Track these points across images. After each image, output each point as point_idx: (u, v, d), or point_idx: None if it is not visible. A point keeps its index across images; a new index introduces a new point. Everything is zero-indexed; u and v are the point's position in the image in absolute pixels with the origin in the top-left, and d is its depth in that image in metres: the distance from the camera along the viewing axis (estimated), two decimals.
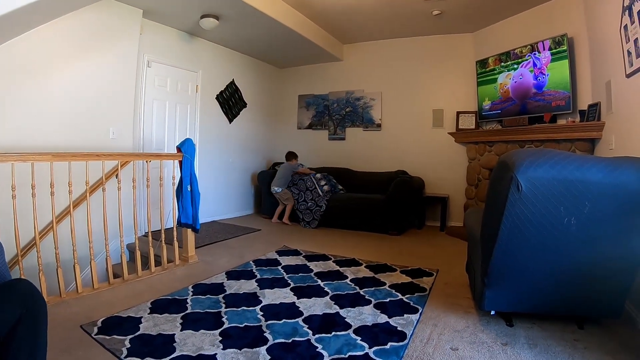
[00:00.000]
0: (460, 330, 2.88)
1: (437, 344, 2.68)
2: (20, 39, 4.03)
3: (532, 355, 2.48)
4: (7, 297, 1.36)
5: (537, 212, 2.36)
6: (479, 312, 3.16)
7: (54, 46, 4.33)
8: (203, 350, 2.58)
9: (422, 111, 7.18)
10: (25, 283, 1.44)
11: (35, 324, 1.36)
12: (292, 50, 7.34)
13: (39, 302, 1.40)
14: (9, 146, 3.83)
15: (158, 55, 5.88)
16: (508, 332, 2.82)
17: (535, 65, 5.18)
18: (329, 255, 4.90)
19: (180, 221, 4.40)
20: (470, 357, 2.48)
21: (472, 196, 6.27)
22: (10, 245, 3.19)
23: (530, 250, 2.54)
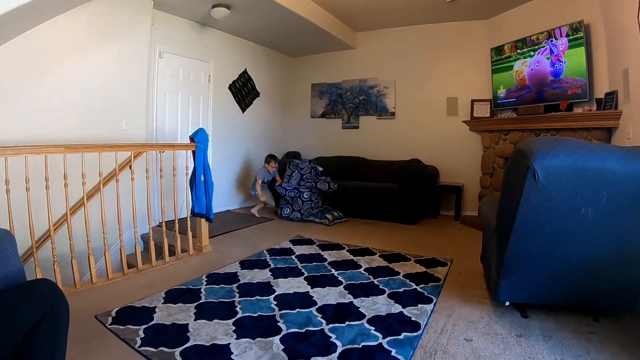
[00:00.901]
0: (474, 320, 2.85)
1: (451, 334, 2.66)
2: (31, 33, 4.03)
3: (546, 347, 2.45)
4: (31, 296, 1.38)
5: (553, 202, 2.31)
6: (493, 303, 3.12)
7: (66, 39, 4.33)
8: (216, 340, 2.58)
9: (436, 99, 7.09)
10: (48, 283, 1.47)
11: (57, 323, 1.38)
12: (305, 39, 7.27)
13: (61, 302, 1.43)
14: (23, 139, 3.85)
15: (170, 46, 5.87)
16: (522, 323, 2.78)
17: (552, 52, 5.07)
18: (342, 245, 4.88)
19: (193, 211, 4.40)
20: (484, 348, 2.46)
21: (487, 185, 6.21)
22: (25, 238, 3.22)
23: (546, 241, 2.49)
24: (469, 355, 2.39)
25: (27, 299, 1.36)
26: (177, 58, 6.02)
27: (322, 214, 6.14)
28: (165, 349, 2.46)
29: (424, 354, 2.42)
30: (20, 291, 1.41)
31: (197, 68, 6.42)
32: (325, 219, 6.06)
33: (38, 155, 3.18)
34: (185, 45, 6.16)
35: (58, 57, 4.30)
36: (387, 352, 2.42)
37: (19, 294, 1.38)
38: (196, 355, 2.40)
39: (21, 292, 1.40)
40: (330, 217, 6.08)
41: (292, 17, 5.92)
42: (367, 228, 5.91)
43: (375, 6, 6.33)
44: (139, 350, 2.46)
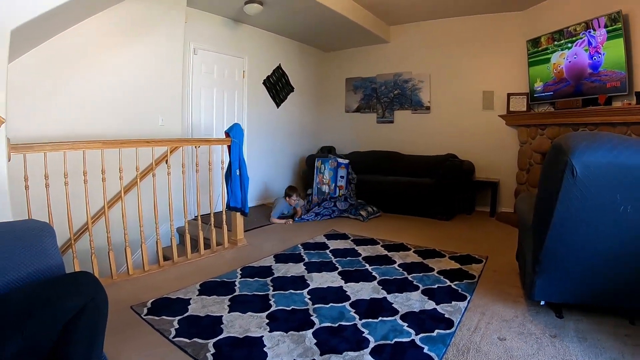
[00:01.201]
0: (508, 319, 2.78)
1: (484, 333, 2.61)
2: (68, 32, 4.12)
3: (581, 349, 2.37)
4: (73, 288, 1.42)
5: (592, 199, 2.23)
6: (528, 302, 3.04)
7: (102, 37, 4.42)
8: (250, 332, 2.59)
9: (471, 93, 6.93)
10: (89, 275, 1.51)
11: (97, 314, 1.42)
12: (338, 34, 7.22)
13: (101, 294, 1.46)
14: (62, 135, 3.94)
15: (204, 42, 5.93)
16: (557, 323, 2.70)
17: (591, 44, 4.88)
18: (377, 240, 4.85)
19: (229, 205, 4.44)
20: (517, 348, 2.40)
21: (523, 181, 6.04)
22: (64, 230, 3.31)
23: (584, 239, 2.41)
24: (502, 354, 2.34)
25: (69, 290, 1.40)
26: (211, 54, 6.07)
27: (356, 211, 6.10)
28: (199, 340, 2.49)
29: (457, 351, 2.38)
30: (62, 283, 1.44)
31: (232, 64, 6.46)
32: (359, 216, 6.03)
33: (76, 150, 3.27)
34: (219, 42, 6.20)
35: (95, 55, 4.39)
36: (419, 349, 2.40)
37: (61, 286, 1.42)
38: (229, 346, 2.42)
39: (63, 283, 1.44)
40: (365, 213, 6.04)
41: (325, 12, 5.88)
42: (401, 223, 5.86)
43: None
44: (173, 341, 2.49)
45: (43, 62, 3.98)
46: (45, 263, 1.60)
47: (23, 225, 1.71)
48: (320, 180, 6.49)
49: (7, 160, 2.71)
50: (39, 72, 3.96)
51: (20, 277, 1.51)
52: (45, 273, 1.59)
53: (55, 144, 3.15)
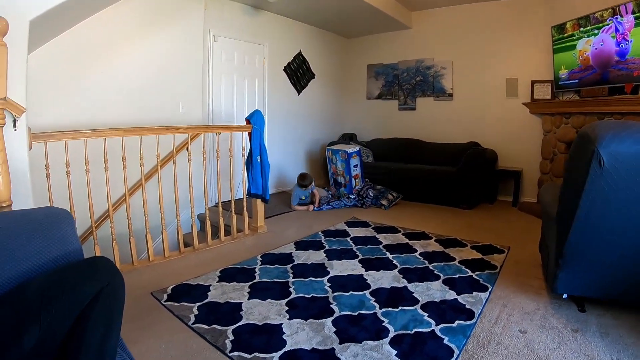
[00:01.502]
0: (530, 312, 2.74)
1: (505, 325, 2.57)
2: (89, 21, 4.16)
3: (603, 344, 2.31)
4: (90, 272, 1.41)
5: (619, 190, 2.16)
6: (550, 295, 2.98)
7: (122, 26, 4.45)
8: (269, 320, 2.60)
9: (495, 80, 6.77)
10: (104, 260, 1.50)
11: (114, 298, 1.41)
12: (359, 20, 7.13)
13: (117, 277, 1.46)
14: (82, 124, 3.96)
15: (224, 30, 5.90)
16: (579, 317, 2.64)
17: (617, 30, 4.71)
18: (398, 228, 4.81)
19: (250, 192, 4.44)
20: (538, 342, 2.35)
21: (547, 171, 5.91)
22: (85, 217, 3.34)
23: (610, 231, 2.33)
24: (523, 348, 2.30)
25: (85, 276, 1.40)
26: (231, 41, 6.05)
27: (376, 200, 6.05)
28: (218, 327, 2.50)
29: (477, 343, 2.35)
30: (78, 269, 1.44)
31: (252, 51, 6.43)
32: (381, 206, 5.98)
33: (97, 138, 3.28)
34: (239, 29, 6.17)
35: (115, 44, 4.42)
36: (439, 339, 2.37)
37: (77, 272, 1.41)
38: (248, 333, 2.43)
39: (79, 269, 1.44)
40: (386, 202, 5.99)
41: None
42: (423, 211, 5.80)
43: None
44: (192, 327, 2.51)
45: (63, 52, 4.02)
46: (63, 250, 1.61)
47: (42, 212, 1.71)
48: (335, 171, 6.45)
49: (29, 149, 2.73)
50: (60, 61, 4.01)
51: (38, 265, 1.51)
52: (64, 260, 1.59)
53: (76, 132, 3.17)
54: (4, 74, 2.19)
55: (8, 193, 2.26)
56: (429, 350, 2.25)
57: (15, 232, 1.53)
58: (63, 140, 3.11)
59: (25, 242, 1.52)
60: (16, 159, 2.52)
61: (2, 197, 2.23)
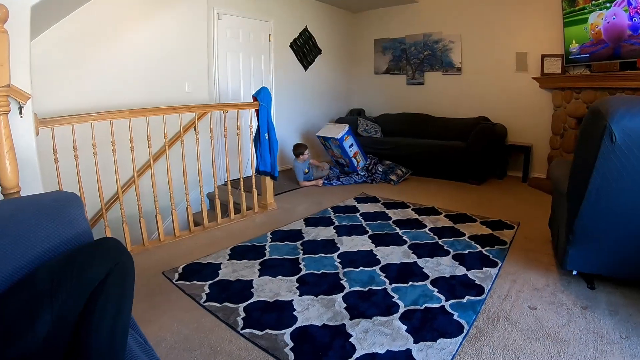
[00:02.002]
0: (539, 288, 2.74)
1: (515, 301, 2.58)
2: (91, 5, 4.12)
3: (612, 322, 2.31)
4: (98, 253, 1.42)
5: (630, 167, 2.13)
6: (559, 271, 2.97)
7: (125, 8, 4.42)
8: (280, 297, 2.62)
9: (504, 54, 6.65)
10: (113, 240, 1.50)
11: (124, 277, 1.41)
12: None
13: (126, 257, 1.46)
14: (90, 107, 3.95)
15: (228, 7, 5.82)
16: (589, 295, 2.64)
17: (630, 3, 4.57)
18: (407, 203, 4.80)
19: (258, 169, 4.44)
20: (548, 318, 2.36)
21: (557, 146, 5.84)
22: (95, 200, 3.37)
23: (622, 208, 2.31)
24: (532, 324, 2.31)
25: (94, 256, 1.40)
26: (236, 19, 5.98)
27: (385, 176, 6.02)
28: (229, 305, 2.52)
29: (487, 319, 2.36)
30: (86, 251, 1.44)
31: (257, 28, 6.37)
32: (390, 181, 5.96)
33: (104, 121, 3.28)
34: (244, 6, 6.09)
35: (119, 26, 4.40)
36: (449, 315, 2.38)
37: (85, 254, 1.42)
38: (259, 311, 2.45)
39: (87, 251, 1.44)
40: (395, 177, 5.96)
41: None
42: (432, 187, 5.79)
43: None
44: (203, 305, 2.54)
45: (67, 36, 4.00)
46: (72, 232, 1.60)
47: (50, 197, 1.71)
48: (333, 154, 6.40)
49: (36, 134, 2.74)
50: (64, 46, 3.99)
51: (49, 248, 1.52)
52: (73, 242, 1.59)
53: (82, 115, 3.16)
54: (6, 61, 2.17)
55: (16, 179, 2.27)
56: (438, 326, 2.26)
57: (25, 217, 1.53)
58: (69, 124, 3.10)
59: (35, 227, 1.52)
60: (23, 146, 2.52)
61: (10, 184, 2.24)
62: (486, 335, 2.20)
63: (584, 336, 2.18)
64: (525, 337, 2.18)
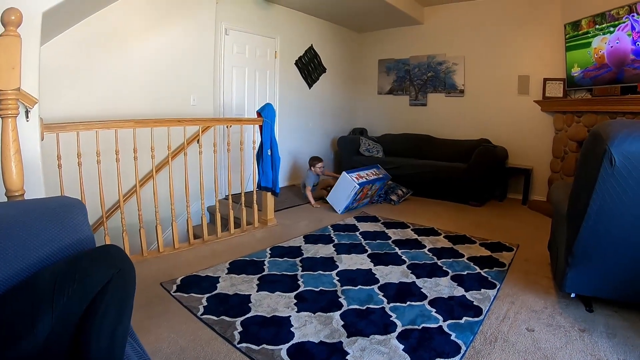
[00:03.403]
0: (537, 310, 2.73)
1: (512, 322, 2.57)
2: (101, 14, 4.19)
3: (610, 345, 2.30)
4: (100, 260, 1.42)
5: (630, 190, 2.14)
6: (558, 293, 2.97)
7: (134, 19, 4.48)
8: (277, 312, 2.61)
9: (506, 77, 6.72)
10: (115, 247, 1.51)
11: (125, 284, 1.42)
12: (371, 14, 7.09)
13: (128, 264, 1.47)
14: (95, 115, 3.99)
15: (235, 23, 5.90)
16: (587, 317, 2.63)
17: (634, 28, 4.62)
18: (407, 223, 4.80)
19: (260, 185, 4.46)
20: (545, 340, 2.35)
21: (558, 169, 5.86)
22: (96, 208, 3.38)
23: (620, 230, 2.31)
24: (530, 346, 2.30)
25: (97, 262, 1.41)
26: (243, 35, 6.05)
27: (386, 196, 6.03)
28: (226, 318, 2.52)
29: (484, 340, 2.35)
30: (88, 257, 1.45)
31: (263, 44, 6.43)
32: (391, 201, 5.96)
33: (109, 129, 3.31)
34: (251, 22, 6.16)
35: (127, 36, 4.45)
36: (446, 335, 2.37)
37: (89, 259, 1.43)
38: (256, 325, 2.44)
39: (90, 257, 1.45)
40: (395, 197, 5.96)
41: None
42: (432, 207, 5.79)
43: None
44: (201, 318, 2.53)
45: (76, 43, 4.05)
46: (75, 237, 1.62)
47: (55, 201, 1.73)
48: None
49: (41, 139, 2.76)
50: (73, 53, 4.04)
51: (51, 252, 1.53)
52: (76, 247, 1.60)
53: (87, 123, 3.19)
54: (17, 64, 2.20)
55: (21, 182, 2.28)
56: (436, 346, 2.25)
57: (29, 220, 1.55)
58: (75, 131, 3.13)
59: (40, 230, 1.53)
60: (28, 150, 2.54)
61: (15, 187, 2.25)
62: (483, 356, 2.19)
63: (581, 359, 2.17)
64: (522, 358, 2.17)
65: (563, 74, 5.80)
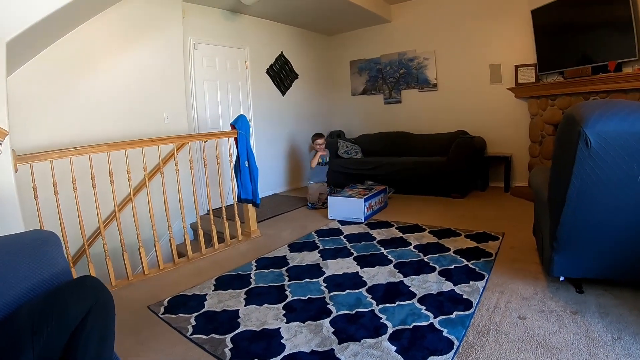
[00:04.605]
0: (528, 297, 2.74)
1: (504, 312, 2.57)
2: (67, 39, 4.12)
3: (603, 324, 2.32)
4: (78, 292, 1.42)
5: (608, 170, 2.15)
6: (547, 278, 2.99)
7: (101, 39, 4.42)
8: (267, 325, 2.59)
9: (478, 67, 6.79)
10: (92, 279, 1.51)
11: (105, 315, 1.42)
12: (338, 16, 7.12)
13: (106, 295, 1.47)
14: (70, 141, 3.95)
15: (203, 36, 5.88)
16: (578, 299, 2.65)
17: None
18: (391, 222, 4.81)
19: (240, 197, 4.43)
20: (538, 327, 2.36)
21: (537, 154, 5.94)
22: (77, 235, 3.32)
23: (602, 212, 2.33)
24: (523, 334, 2.30)
25: (73, 296, 1.40)
26: (212, 48, 6.03)
27: None
28: (216, 336, 2.48)
29: (477, 333, 2.35)
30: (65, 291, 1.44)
31: (233, 55, 6.42)
32: None
33: (82, 155, 3.26)
34: (219, 34, 6.15)
35: (95, 59, 4.39)
36: (438, 332, 2.37)
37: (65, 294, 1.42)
38: (247, 340, 2.41)
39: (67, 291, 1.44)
40: None
41: None
42: (415, 204, 5.81)
43: None
44: (190, 338, 2.49)
45: (44, 70, 3.98)
46: (51, 271, 1.62)
47: (28, 236, 1.72)
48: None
49: (14, 171, 2.71)
50: (41, 80, 3.97)
51: (28, 288, 1.52)
52: (53, 281, 1.60)
53: (61, 151, 3.14)
54: None
55: None
56: (428, 344, 2.25)
57: (6, 256, 1.54)
58: (48, 160, 3.07)
59: (15, 267, 1.52)
60: (2, 183, 2.50)
61: None
62: (477, 349, 2.18)
63: (576, 341, 2.18)
64: (516, 348, 2.17)
65: (534, 60, 5.86)
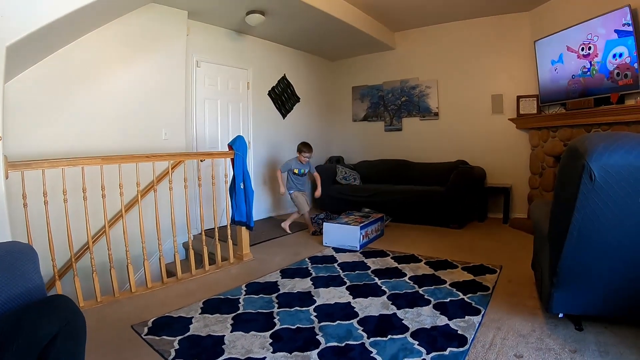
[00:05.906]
0: (525, 334, 2.65)
1: (500, 349, 2.48)
2: (71, 47, 4.11)
3: None
4: (47, 312, 1.37)
5: (612, 205, 2.09)
6: (545, 314, 2.90)
7: (103, 53, 4.40)
8: (252, 353, 2.49)
9: (480, 97, 6.82)
10: (63, 298, 1.46)
11: (74, 338, 1.38)
12: (343, 42, 7.16)
13: (77, 316, 1.41)
14: (64, 151, 3.91)
15: (207, 55, 5.88)
16: (577, 337, 2.56)
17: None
18: (387, 251, 4.73)
19: (234, 219, 4.36)
20: None
21: (537, 186, 5.91)
22: (65, 248, 3.25)
23: (605, 248, 2.26)
24: None
25: (43, 315, 1.35)
26: (214, 67, 6.03)
27: None
28: None
29: None
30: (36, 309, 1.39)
31: (236, 75, 6.41)
32: None
33: (75, 167, 3.20)
34: (223, 54, 6.16)
35: (97, 71, 4.37)
36: None
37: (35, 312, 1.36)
38: None
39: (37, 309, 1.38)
40: None
41: (327, 20, 5.80)
42: (412, 233, 5.73)
43: (411, 4, 6.14)
44: None
45: (44, 78, 3.96)
46: (24, 286, 1.56)
47: (4, 248, 1.65)
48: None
49: (5, 177, 2.66)
50: (40, 88, 3.94)
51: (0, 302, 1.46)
52: (25, 298, 1.54)
53: (53, 160, 3.09)
54: None
55: None
56: None
57: None
58: (40, 169, 3.03)
59: None
60: None
61: None
62: None
63: None
64: None
65: (536, 91, 5.87)
